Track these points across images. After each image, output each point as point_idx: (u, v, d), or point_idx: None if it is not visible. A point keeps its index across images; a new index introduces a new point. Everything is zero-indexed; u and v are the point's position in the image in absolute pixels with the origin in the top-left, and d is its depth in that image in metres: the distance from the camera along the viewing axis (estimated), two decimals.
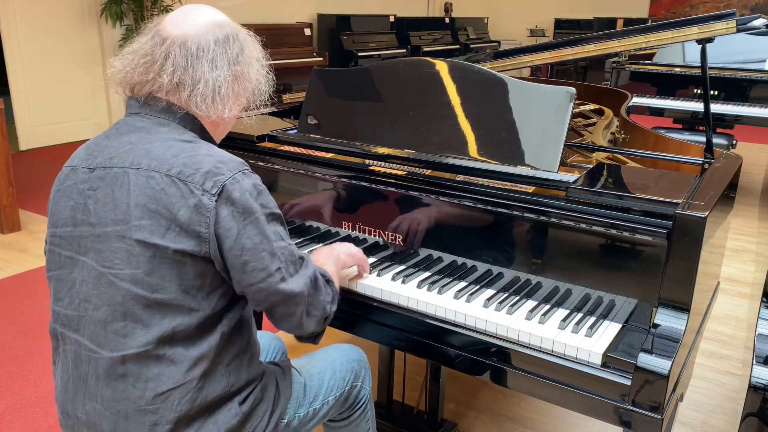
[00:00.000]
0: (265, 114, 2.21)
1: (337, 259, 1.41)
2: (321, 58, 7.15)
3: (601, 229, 1.31)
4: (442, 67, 1.66)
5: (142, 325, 1.07)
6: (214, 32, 1.17)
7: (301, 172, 1.70)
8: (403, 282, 1.50)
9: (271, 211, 1.13)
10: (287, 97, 2.38)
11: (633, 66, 5.01)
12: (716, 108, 4.61)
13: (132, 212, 1.06)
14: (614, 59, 5.15)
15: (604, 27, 8.91)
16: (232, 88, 1.19)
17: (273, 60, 1.29)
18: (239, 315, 1.17)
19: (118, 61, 1.19)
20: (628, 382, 1.19)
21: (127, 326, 1.07)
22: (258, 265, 1.08)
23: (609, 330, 1.31)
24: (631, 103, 2.72)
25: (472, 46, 9.54)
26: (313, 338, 1.25)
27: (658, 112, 4.88)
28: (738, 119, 4.64)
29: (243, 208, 1.07)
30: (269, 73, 1.30)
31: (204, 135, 1.21)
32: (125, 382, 1.08)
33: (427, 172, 1.56)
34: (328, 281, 1.26)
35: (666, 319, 1.25)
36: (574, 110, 2.10)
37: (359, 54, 7.56)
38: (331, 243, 1.65)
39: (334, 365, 1.41)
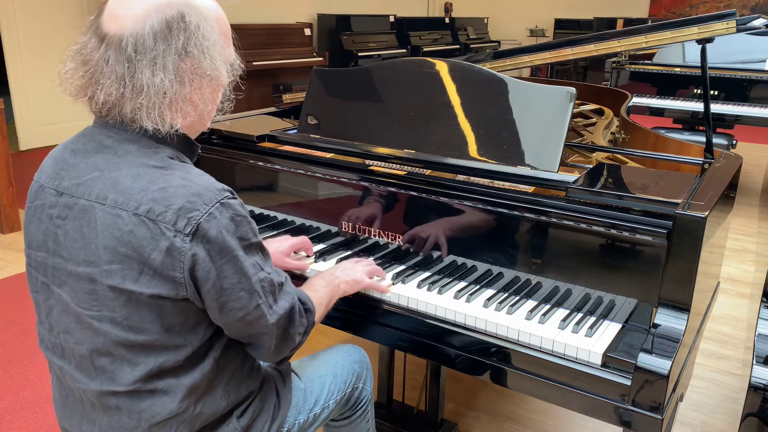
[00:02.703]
0: (265, 114, 2.21)
1: (335, 289, 1.35)
2: (321, 58, 7.14)
3: (601, 229, 1.31)
4: (442, 67, 1.66)
5: (129, 363, 1.02)
6: (152, 22, 0.97)
7: (301, 172, 1.70)
8: (403, 282, 1.50)
9: (249, 242, 1.03)
10: (287, 97, 2.38)
11: (633, 66, 5.01)
12: (716, 108, 4.61)
13: (101, 255, 0.97)
14: (614, 59, 5.15)
15: (604, 27, 8.90)
16: (180, 90, 1.01)
17: (273, 60, 1.21)
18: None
19: (63, 67, 1.04)
20: (628, 382, 1.19)
21: (114, 362, 1.02)
22: (236, 305, 1.01)
23: (609, 330, 1.31)
24: (631, 103, 2.71)
25: (472, 46, 9.54)
26: (278, 363, 1.21)
27: (658, 112, 4.88)
28: (738, 119, 4.64)
29: (220, 248, 0.97)
30: (234, 54, 1.10)
31: (182, 141, 1.07)
32: (120, 413, 1.05)
33: (427, 172, 1.56)
34: (307, 310, 1.18)
35: (666, 319, 1.25)
36: (574, 110, 2.10)
37: (359, 54, 7.55)
38: (346, 259, 1.56)
39: (335, 368, 1.40)
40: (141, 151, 1.02)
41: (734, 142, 4.60)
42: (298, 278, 1.57)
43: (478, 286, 1.47)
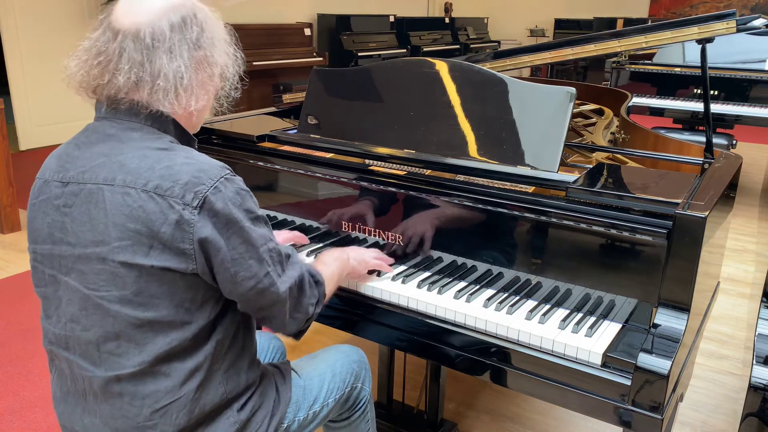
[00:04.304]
0: (265, 114, 2.21)
1: (344, 263, 1.40)
2: (321, 58, 7.14)
3: (601, 229, 1.31)
4: (442, 67, 1.66)
5: (136, 344, 1.04)
6: (169, 17, 1.06)
7: (301, 172, 1.70)
8: (403, 282, 1.50)
9: (255, 214, 1.08)
10: (287, 97, 2.38)
11: (633, 66, 5.00)
12: (716, 108, 4.61)
13: (111, 233, 1.01)
14: (614, 59, 5.14)
15: (604, 27, 8.90)
16: (195, 76, 1.10)
17: (273, 60, 1.26)
18: (233, 320, 1.14)
19: (72, 61, 1.10)
20: (628, 382, 1.19)
21: (121, 345, 1.04)
22: (247, 274, 1.05)
23: (609, 330, 1.31)
24: (631, 103, 2.71)
25: (472, 46, 9.54)
26: (295, 335, 1.23)
27: (658, 112, 4.88)
28: (738, 119, 4.63)
29: (227, 219, 1.02)
30: (237, 52, 1.20)
31: (180, 132, 1.14)
32: (122, 400, 1.06)
33: (427, 172, 1.56)
34: (317, 282, 1.23)
35: (666, 319, 1.25)
36: (574, 110, 2.10)
37: (359, 54, 7.55)
38: (355, 246, 1.62)
39: (334, 367, 1.40)
40: (144, 137, 1.08)
41: (734, 142, 4.60)
42: None
43: (478, 286, 1.47)
